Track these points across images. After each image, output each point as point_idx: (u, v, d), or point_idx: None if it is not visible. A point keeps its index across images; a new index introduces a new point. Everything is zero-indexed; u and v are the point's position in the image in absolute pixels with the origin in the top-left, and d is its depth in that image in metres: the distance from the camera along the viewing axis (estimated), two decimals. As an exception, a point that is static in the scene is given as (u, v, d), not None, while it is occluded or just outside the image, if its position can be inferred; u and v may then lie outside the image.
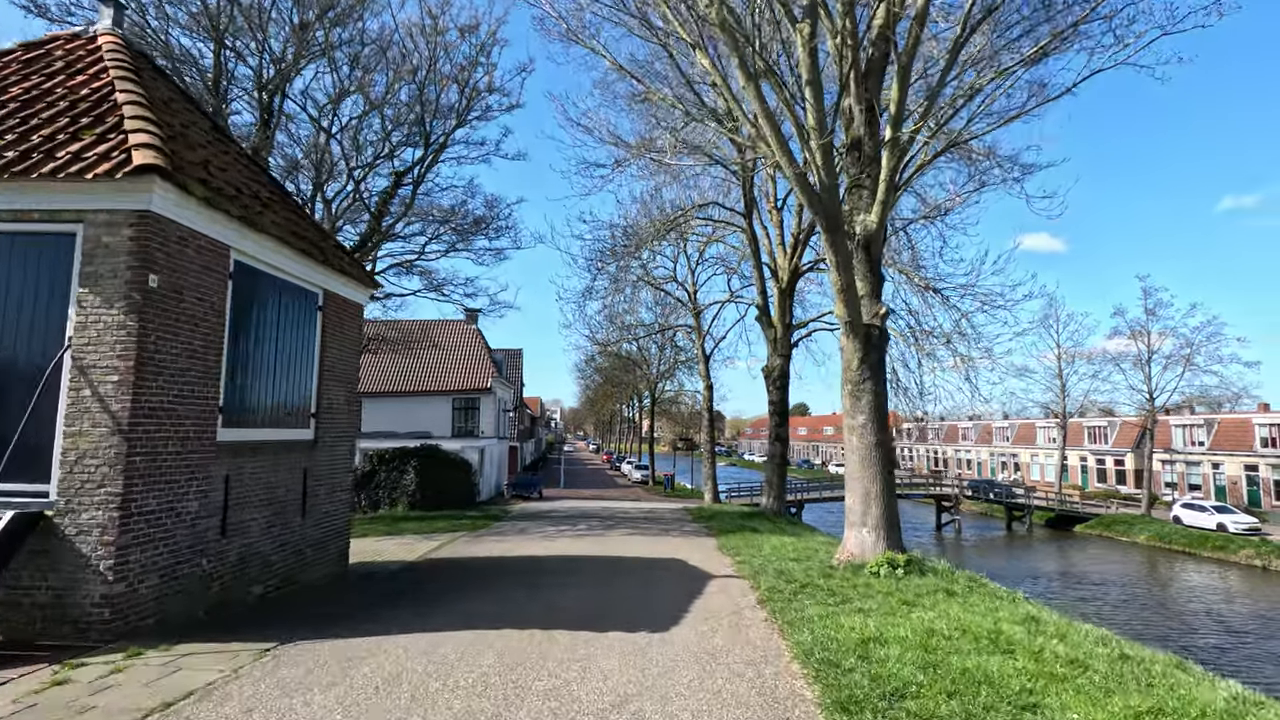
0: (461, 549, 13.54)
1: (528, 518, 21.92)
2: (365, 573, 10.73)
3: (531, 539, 15.30)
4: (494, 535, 16.15)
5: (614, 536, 15.71)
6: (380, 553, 13.30)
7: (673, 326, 34.72)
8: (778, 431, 21.24)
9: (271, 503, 8.76)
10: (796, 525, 19.52)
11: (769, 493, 21.22)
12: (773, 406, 21.25)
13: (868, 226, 10.71)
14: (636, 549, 13.40)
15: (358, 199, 21.00)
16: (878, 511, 10.38)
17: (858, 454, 10.58)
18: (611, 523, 19.64)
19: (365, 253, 20.85)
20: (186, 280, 7.10)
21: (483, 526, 18.45)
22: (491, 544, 14.30)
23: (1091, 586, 35.16)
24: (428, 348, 42.31)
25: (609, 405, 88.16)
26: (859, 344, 10.52)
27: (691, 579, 10.04)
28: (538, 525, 18.80)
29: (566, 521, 20.04)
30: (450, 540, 15.19)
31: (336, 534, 10.51)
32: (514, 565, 11.36)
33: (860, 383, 10.59)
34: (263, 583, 8.67)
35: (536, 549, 13.44)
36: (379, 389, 39.72)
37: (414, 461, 23.40)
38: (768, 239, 22.34)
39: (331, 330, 10.30)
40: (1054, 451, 65.21)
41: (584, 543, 14.46)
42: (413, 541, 15.15)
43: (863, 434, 10.56)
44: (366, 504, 23.76)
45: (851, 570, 9.96)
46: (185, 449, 7.09)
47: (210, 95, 18.15)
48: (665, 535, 16.14)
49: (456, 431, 39.42)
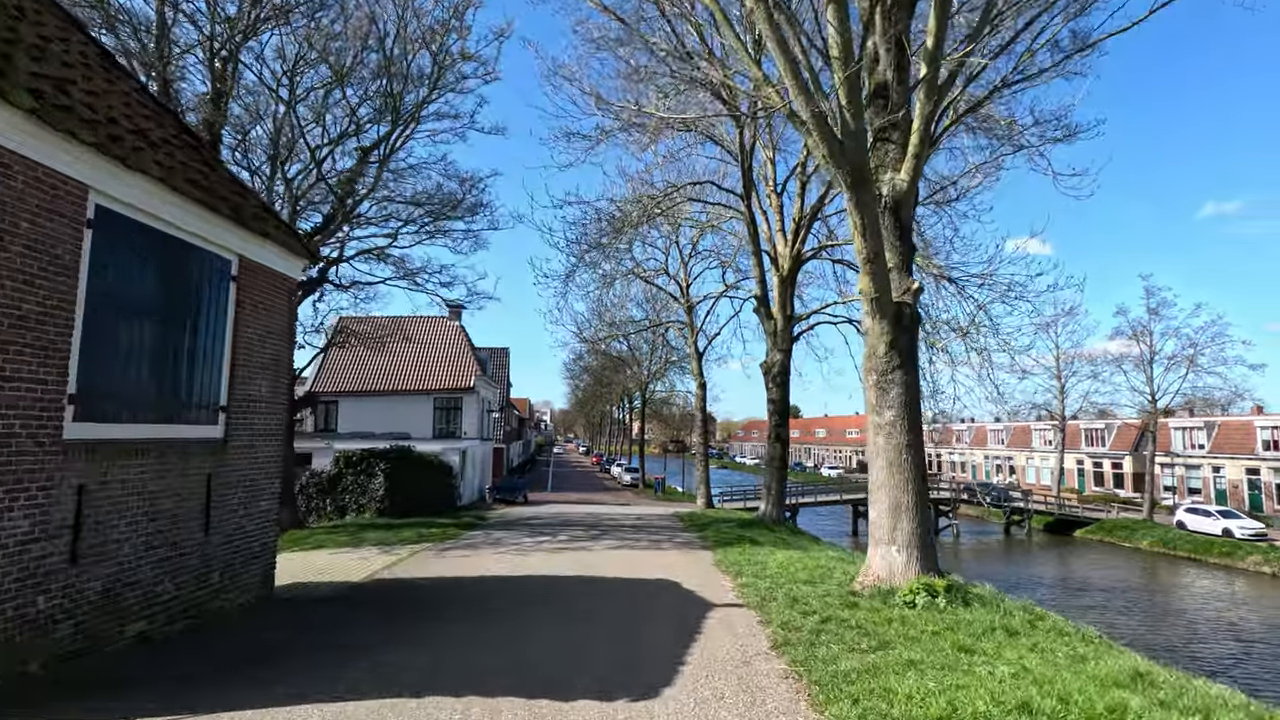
0: (420, 565, 11.65)
1: (506, 525, 20.01)
2: (292, 599, 8.83)
3: (504, 552, 13.42)
4: (463, 547, 14.26)
5: (598, 549, 13.86)
6: (325, 570, 11.39)
7: (664, 323, 32.91)
8: (778, 432, 19.46)
9: (156, 518, 6.86)
10: (799, 535, 17.75)
11: (768, 499, 19.42)
12: (772, 405, 19.47)
13: (897, 186, 8.93)
14: (623, 566, 11.55)
15: (320, 179, 19.09)
16: (909, 527, 8.59)
17: (885, 457, 8.78)
18: (597, 532, 17.77)
19: (328, 234, 18.92)
20: (8, 221, 5.21)
21: (454, 536, 16.55)
22: (457, 559, 12.41)
23: (1097, 594, 33.58)
24: (408, 345, 40.32)
25: (599, 406, 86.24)
26: (887, 325, 8.73)
27: (686, 609, 8.20)
28: (515, 535, 16.91)
29: (547, 530, 18.16)
30: (412, 554, 13.29)
31: (257, 554, 8.60)
32: (474, 589, 9.48)
33: (888, 372, 8.80)
34: (147, 618, 6.77)
35: (506, 566, 11.56)
36: (356, 388, 37.70)
37: (383, 464, 21.47)
38: (767, 225, 20.59)
39: (250, 306, 8.41)
40: (1050, 454, 63.82)
41: (563, 558, 12.60)
42: (370, 555, 13.25)
43: (891, 433, 8.76)
44: (333, 510, 21.81)
45: (880, 598, 8.16)
46: (7, 450, 5.21)
47: (157, 62, 16.25)
48: (656, 548, 14.30)
49: (438, 432, 37.44)
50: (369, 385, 37.94)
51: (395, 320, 42.72)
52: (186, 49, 17.48)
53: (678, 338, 35.06)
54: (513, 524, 20.59)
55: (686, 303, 30.22)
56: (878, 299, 8.62)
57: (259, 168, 18.97)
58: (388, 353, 40.11)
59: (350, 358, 39.52)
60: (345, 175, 18.88)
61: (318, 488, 21.91)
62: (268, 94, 18.20)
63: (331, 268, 20.78)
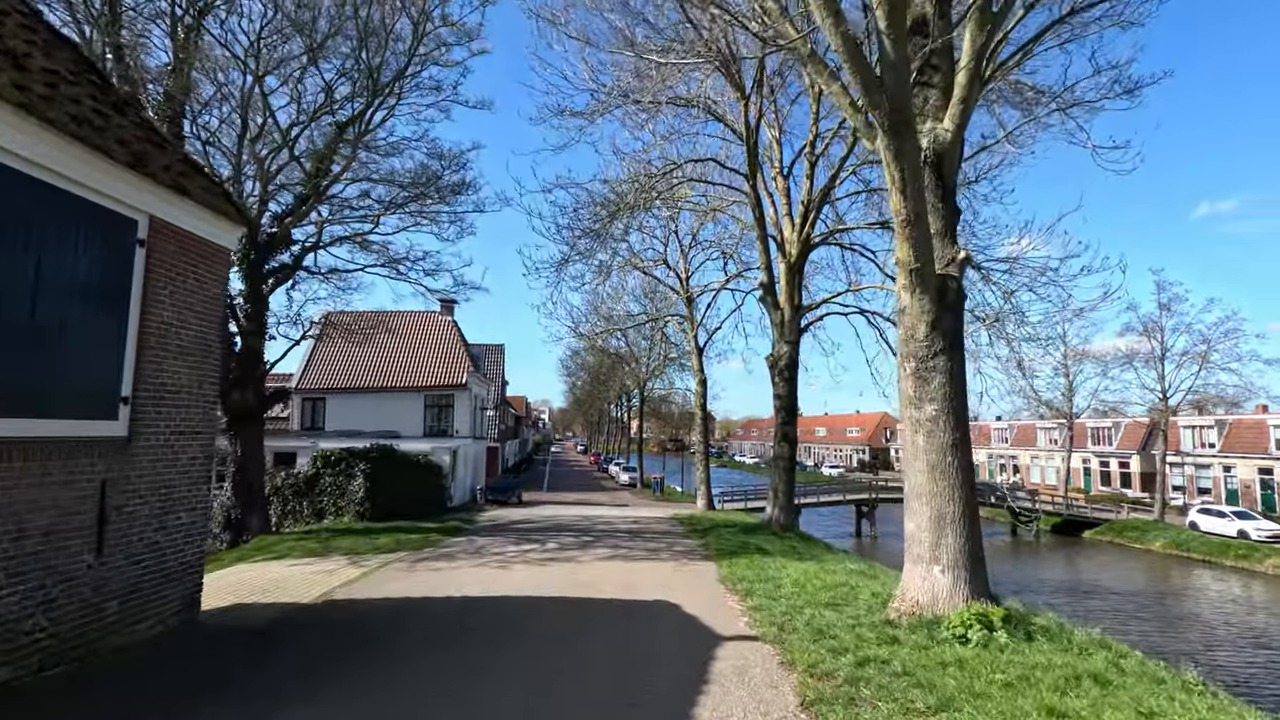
0: (385, 581, 10.18)
1: (493, 530, 18.55)
2: (218, 629, 7.36)
3: (484, 564, 11.96)
4: (441, 557, 12.79)
5: (589, 560, 12.40)
6: (276, 587, 9.93)
7: (663, 316, 31.42)
8: (784, 430, 18.00)
9: (22, 537, 5.40)
10: (809, 543, 16.32)
11: (775, 502, 17.97)
12: (778, 401, 18.01)
13: (940, 137, 7.48)
14: (615, 583, 10.09)
15: (294, 159, 17.60)
16: (956, 542, 7.13)
17: (926, 459, 7.33)
18: (590, 538, 16.32)
19: (299, 216, 17.44)
20: None
21: (434, 543, 15.08)
22: (429, 572, 10.95)
23: (1110, 597, 32.20)
24: (397, 340, 38.85)
25: (597, 405, 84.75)
26: (929, 302, 7.27)
27: (690, 644, 6.75)
28: (500, 541, 15.46)
29: (537, 536, 16.70)
30: (382, 565, 11.83)
31: (175, 575, 7.13)
32: (438, 615, 8.01)
33: (929, 358, 7.34)
34: (8, 664, 5.32)
35: (483, 582, 10.10)
36: (344, 385, 36.23)
37: (363, 464, 19.99)
38: (773, 208, 19.16)
39: (164, 277, 6.94)
40: (1056, 453, 62.45)
41: (549, 571, 11.14)
42: (334, 566, 11.78)
43: (933, 431, 7.31)
44: (310, 513, 20.32)
45: (923, 630, 6.71)
46: None
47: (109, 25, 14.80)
48: (654, 558, 12.85)
49: (429, 431, 35.98)
50: (357, 382, 36.48)
51: (384, 314, 41.31)
52: (148, 17, 16.06)
53: (677, 332, 33.61)
54: (501, 529, 19.12)
55: (686, 294, 28.73)
56: (918, 270, 7.16)
57: (227, 146, 17.50)
58: (377, 348, 38.62)
59: (338, 353, 38.04)
60: (319, 152, 17.40)
61: (294, 490, 20.45)
62: (235, 63, 16.72)
63: (309, 254, 19.32)
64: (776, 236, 18.74)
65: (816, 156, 18.73)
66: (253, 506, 16.92)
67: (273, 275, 17.95)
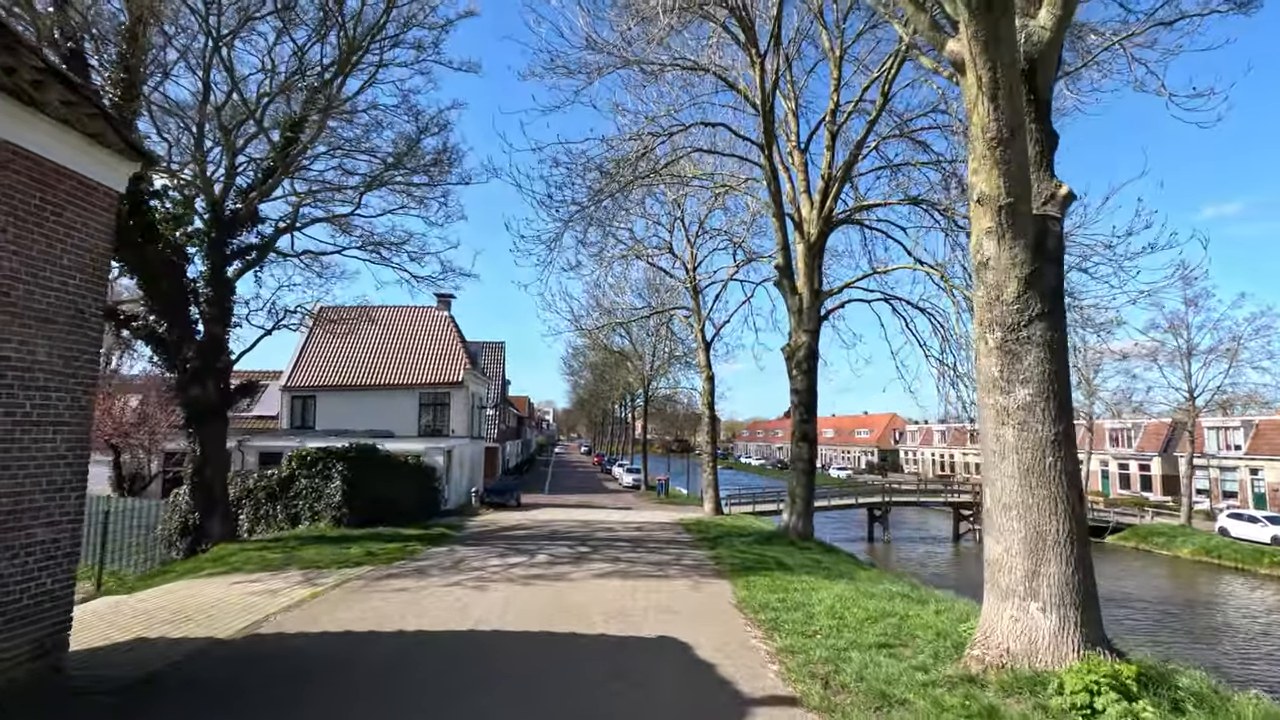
0: (333, 607, 8.37)
1: (481, 538, 16.76)
2: (85, 681, 5.56)
3: (458, 582, 10.15)
4: (412, 573, 10.99)
5: (582, 577, 10.58)
6: (200, 613, 8.14)
7: (668, 309, 29.57)
8: (803, 429, 16.12)
9: None
10: (834, 554, 14.44)
11: (792, 508, 16.09)
12: (797, 396, 16.15)
13: (1035, 36, 5.64)
14: (609, 609, 8.26)
15: (261, 131, 15.86)
16: (1062, 571, 5.29)
17: (1017, 461, 5.48)
18: (586, 548, 14.50)
19: (266, 189, 15.70)
20: None
21: (410, 554, 13.30)
22: (390, 594, 9.13)
23: (1139, 605, 30.21)
24: (392, 336, 37.13)
25: (600, 405, 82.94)
26: (1024, 251, 5.43)
27: (703, 714, 4.92)
28: (485, 552, 13.66)
29: (528, 546, 14.90)
30: (340, 583, 10.03)
31: (24, 613, 5.34)
32: (374, 659, 6.18)
33: (1022, 325, 5.50)
34: None
35: (449, 609, 8.28)
36: (335, 382, 34.52)
37: (340, 465, 18.21)
38: (790, 184, 17.30)
39: (11, 216, 5.17)
40: (1071, 455, 60.32)
41: (532, 593, 9.32)
42: (285, 585, 10.00)
43: (1027, 423, 5.46)
44: (285, 518, 18.55)
45: (1023, 691, 4.86)
46: None
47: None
48: (657, 574, 11.01)
49: (424, 430, 34.21)
50: (349, 379, 34.75)
51: (377, 309, 39.62)
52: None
53: (683, 326, 31.76)
54: (489, 536, 17.32)
55: (692, 281, 26.86)
56: (1010, 207, 5.31)
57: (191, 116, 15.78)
58: (370, 344, 36.91)
59: (329, 349, 36.32)
60: (288, 121, 15.65)
61: (267, 493, 18.69)
62: (197, 20, 15.00)
63: (282, 236, 17.57)
64: (794, 215, 16.90)
65: (838, 127, 16.90)
66: (212, 511, 15.15)
67: (238, 256, 16.22)
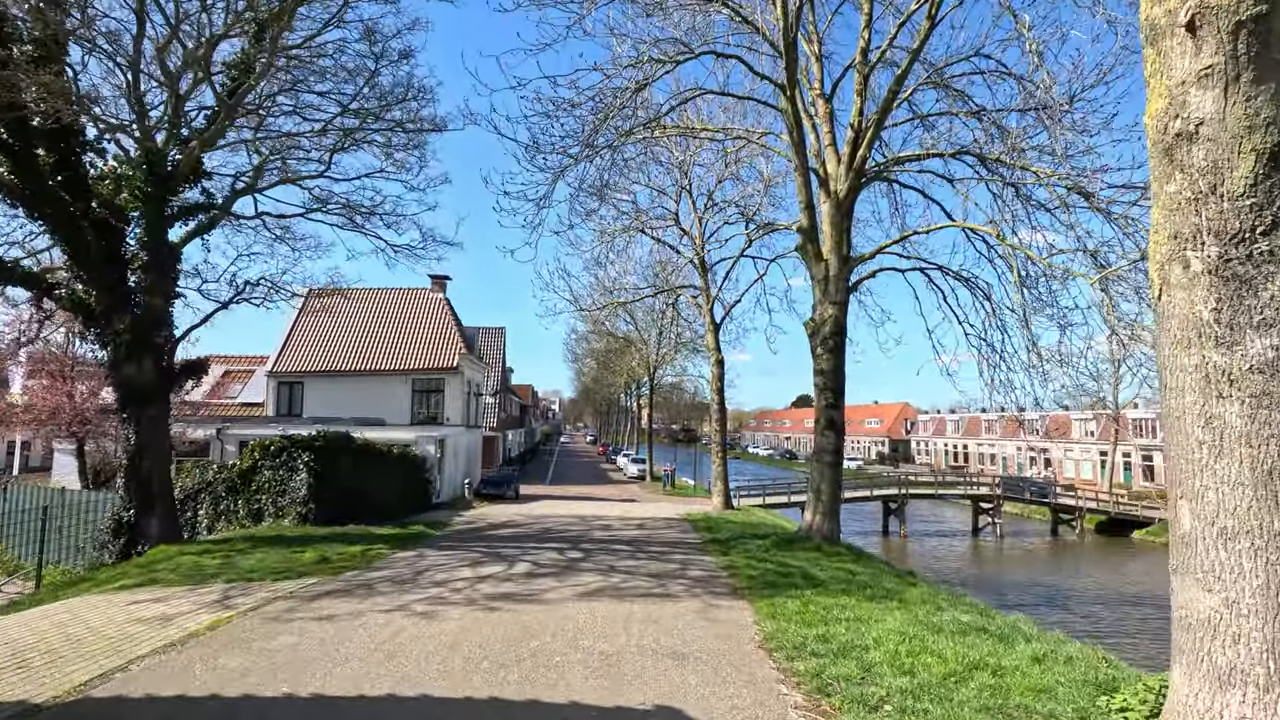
0: (225, 646, 6.24)
1: (461, 539, 14.66)
2: None
3: (404, 605, 8.01)
4: (355, 590, 8.87)
5: (563, 598, 8.43)
6: (48, 653, 6.04)
7: (674, 288, 27.30)
8: (829, 415, 13.87)
9: None
10: (869, 563, 12.22)
11: (815, 506, 13.86)
12: (822, 378, 13.90)
13: None
14: (591, 659, 6.09)
15: (207, 76, 13.66)
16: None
17: (1249, 458, 3.27)
18: (578, 553, 12.37)
19: (207, 141, 13.53)
20: None
21: (369, 561, 11.20)
22: (311, 625, 7.01)
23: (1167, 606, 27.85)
24: (383, 319, 35.04)
25: (604, 393, 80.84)
26: (1270, 102, 3.20)
27: None
28: (457, 559, 11.54)
29: (510, 549, 12.78)
30: (258, 606, 7.92)
31: None
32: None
33: (1261, 232, 3.27)
34: None
35: (371, 653, 6.12)
36: (324, 367, 32.50)
37: (306, 455, 16.14)
38: (815, 137, 14.98)
39: None
40: (1092, 446, 57.95)
41: (494, 622, 7.17)
42: (192, 607, 7.89)
43: (1268, 393, 3.25)
44: (247, 515, 16.51)
45: None
46: None
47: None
48: (660, 592, 8.84)
49: (416, 418, 32.20)
50: (339, 365, 32.73)
51: (374, 293, 37.51)
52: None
53: (690, 307, 29.48)
54: (471, 536, 15.21)
55: (700, 257, 24.54)
56: (1254, 31, 3.08)
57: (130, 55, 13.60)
58: (361, 328, 34.83)
59: (318, 334, 34.27)
60: (236, 59, 13.47)
61: (227, 486, 16.65)
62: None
63: (240, 199, 15.42)
64: (818, 171, 14.60)
65: (870, 68, 14.55)
66: (150, 508, 13.10)
67: (183, 217, 14.10)
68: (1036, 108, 13.97)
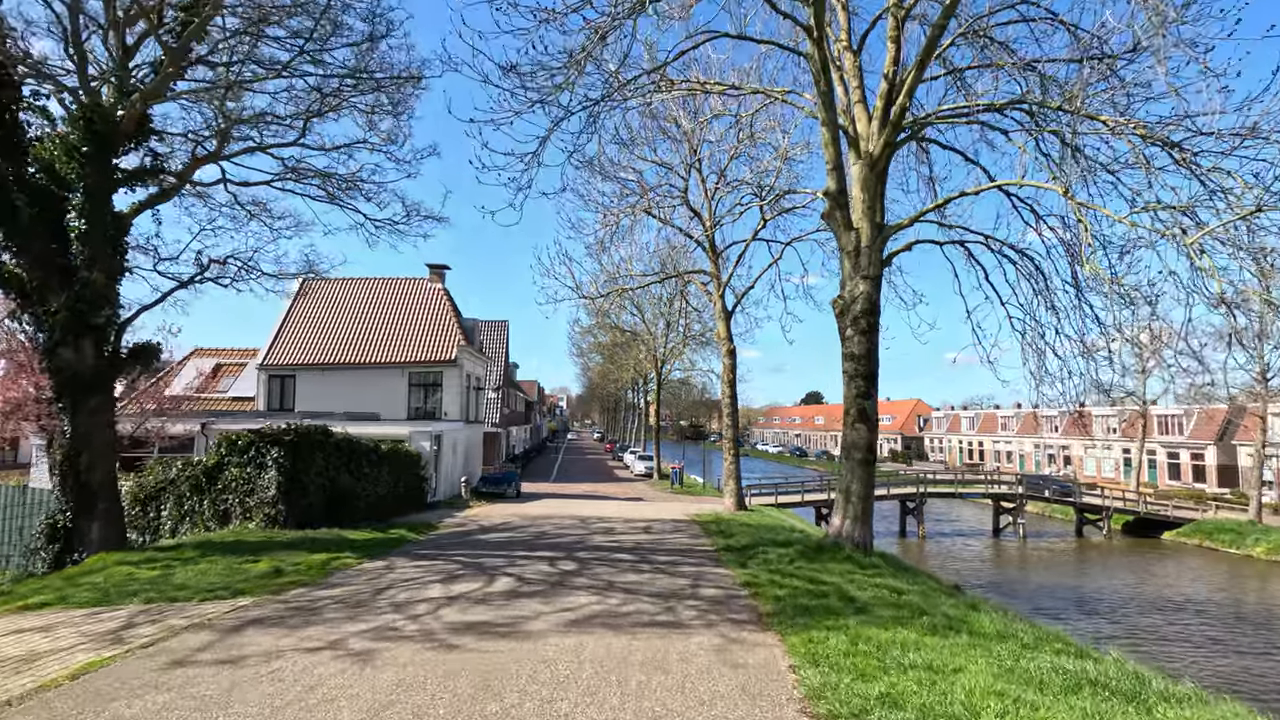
0: (49, 714, 4.54)
1: (442, 546, 12.94)
2: None
3: (339, 642, 6.28)
4: (291, 617, 7.16)
5: (546, 627, 6.67)
6: None
7: (683, 273, 25.45)
8: (861, 405, 12.05)
9: None
10: (909, 576, 10.43)
11: (846, 510, 12.03)
12: (853, 364, 12.07)
13: None
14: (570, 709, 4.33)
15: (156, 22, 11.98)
16: None
17: None
18: (573, 564, 10.62)
19: (151, 94, 11.84)
20: None
21: (324, 576, 9.50)
22: (208, 671, 5.30)
23: (1212, 614, 25.81)
24: (379, 310, 33.41)
25: (610, 388, 79.09)
26: None
27: None
28: (430, 573, 9.82)
29: (494, 560, 11.05)
30: (159, 639, 6.21)
31: None
32: None
33: None
34: None
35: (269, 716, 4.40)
36: (317, 360, 30.91)
37: (275, 450, 14.47)
38: (843, 90, 13.15)
39: None
40: (1114, 443, 55.67)
41: (443, 677, 5.43)
42: (78, 639, 6.21)
43: None
44: (212, 516, 14.86)
45: None
46: None
47: None
48: (667, 620, 7.06)
49: (413, 413, 30.58)
50: (332, 357, 31.14)
51: (370, 282, 35.91)
52: None
53: (700, 294, 27.65)
54: (455, 542, 13.49)
55: (710, 238, 22.69)
56: None
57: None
58: (356, 319, 33.22)
59: (312, 325, 32.69)
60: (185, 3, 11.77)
61: (192, 484, 15.02)
62: None
63: (203, 165, 13.73)
64: (848, 130, 12.77)
65: (905, 11, 12.69)
66: (90, 511, 11.45)
67: (130, 182, 12.43)
68: (1100, 56, 12.06)
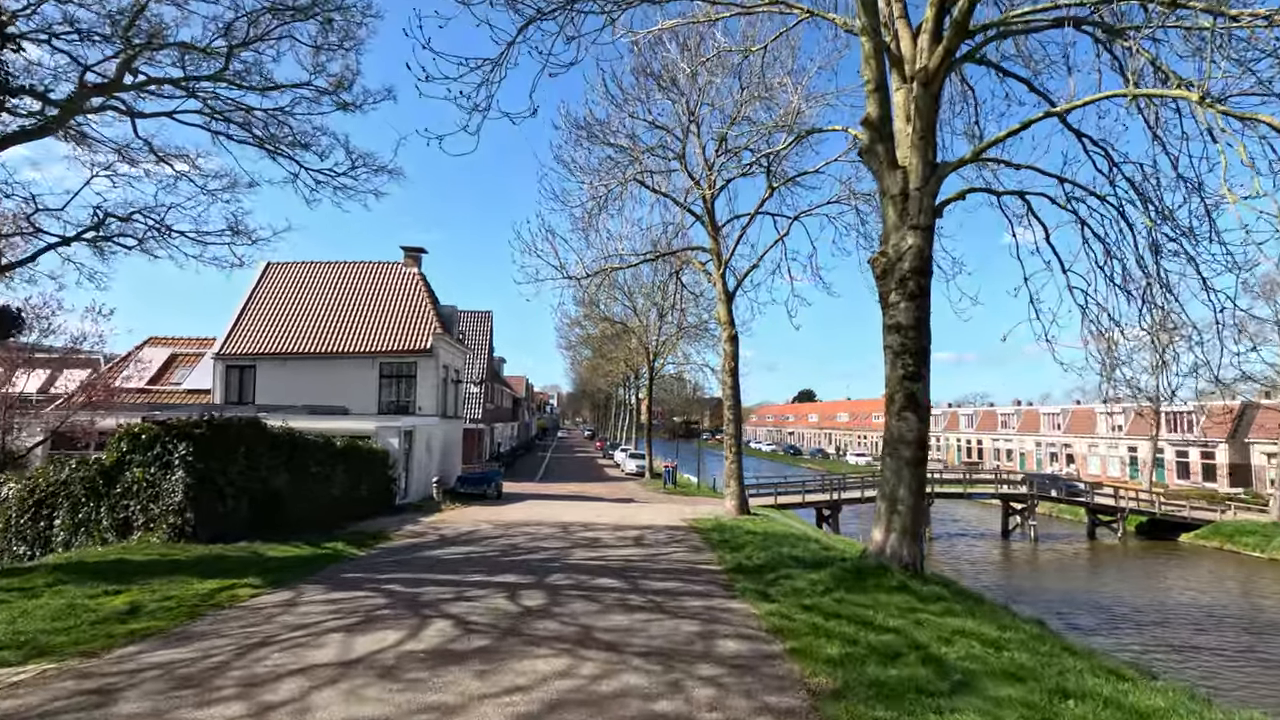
0: None
1: (384, 566, 10.24)
2: None
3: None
4: (92, 697, 4.46)
5: None
6: None
7: (679, 250, 22.80)
8: (908, 390, 9.44)
9: None
10: (986, 611, 7.89)
11: (890, 521, 9.40)
12: (899, 336, 9.47)
13: None
14: None
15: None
16: None
17: None
18: (542, 595, 7.95)
19: None
20: None
21: (194, 618, 6.81)
22: None
23: (1241, 621, 23.38)
24: (348, 296, 30.56)
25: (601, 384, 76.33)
26: None
27: None
28: (341, 613, 7.13)
29: (440, 592, 8.37)
30: None
31: None
32: None
33: None
34: None
35: None
36: (279, 349, 27.98)
37: (183, 446, 11.65)
38: (888, 3, 10.57)
39: None
40: (1120, 441, 53.51)
41: None
42: None
43: None
44: (110, 526, 12.08)
45: None
46: None
47: None
48: (670, 714, 4.44)
49: (385, 407, 27.71)
50: (296, 346, 28.22)
51: (339, 266, 33.09)
52: None
53: (696, 272, 24.98)
54: (401, 561, 10.78)
55: (709, 209, 20.02)
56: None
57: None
58: (323, 305, 30.32)
59: (274, 312, 29.77)
60: None
61: (87, 487, 12.25)
62: None
63: (91, 98, 10.93)
64: (890, 46, 10.16)
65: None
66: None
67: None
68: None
